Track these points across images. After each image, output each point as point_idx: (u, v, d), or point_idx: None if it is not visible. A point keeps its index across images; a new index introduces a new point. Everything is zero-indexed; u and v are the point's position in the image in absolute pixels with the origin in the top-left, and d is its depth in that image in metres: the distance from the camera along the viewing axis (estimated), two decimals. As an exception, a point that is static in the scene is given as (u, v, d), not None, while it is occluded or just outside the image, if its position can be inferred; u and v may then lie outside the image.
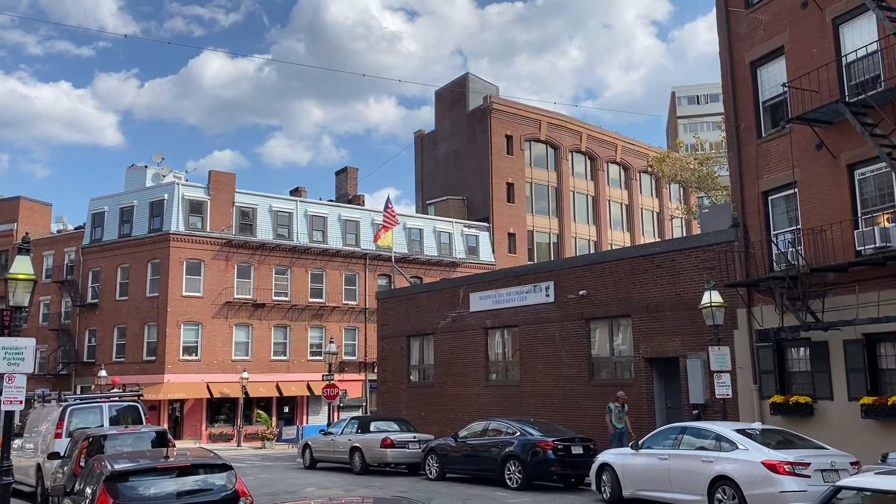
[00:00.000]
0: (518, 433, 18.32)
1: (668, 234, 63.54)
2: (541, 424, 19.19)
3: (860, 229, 16.10)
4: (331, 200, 55.23)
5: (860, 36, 16.61)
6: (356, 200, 56.06)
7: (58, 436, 16.60)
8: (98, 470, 9.21)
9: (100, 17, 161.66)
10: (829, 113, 16.48)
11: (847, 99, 16.25)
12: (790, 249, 17.53)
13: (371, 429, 23.00)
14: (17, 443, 18.33)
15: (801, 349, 17.78)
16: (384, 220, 41.57)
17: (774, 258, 18.21)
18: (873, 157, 15.86)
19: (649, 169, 58.24)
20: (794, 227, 17.82)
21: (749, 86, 19.42)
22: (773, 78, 18.85)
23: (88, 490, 9.21)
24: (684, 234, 58.15)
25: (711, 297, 17.55)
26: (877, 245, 15.49)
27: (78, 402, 18.28)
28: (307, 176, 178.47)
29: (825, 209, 16.93)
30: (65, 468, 13.55)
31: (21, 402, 11.62)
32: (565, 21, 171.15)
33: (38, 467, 16.64)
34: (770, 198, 18.67)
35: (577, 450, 17.72)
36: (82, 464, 12.08)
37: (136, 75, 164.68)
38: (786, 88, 17.99)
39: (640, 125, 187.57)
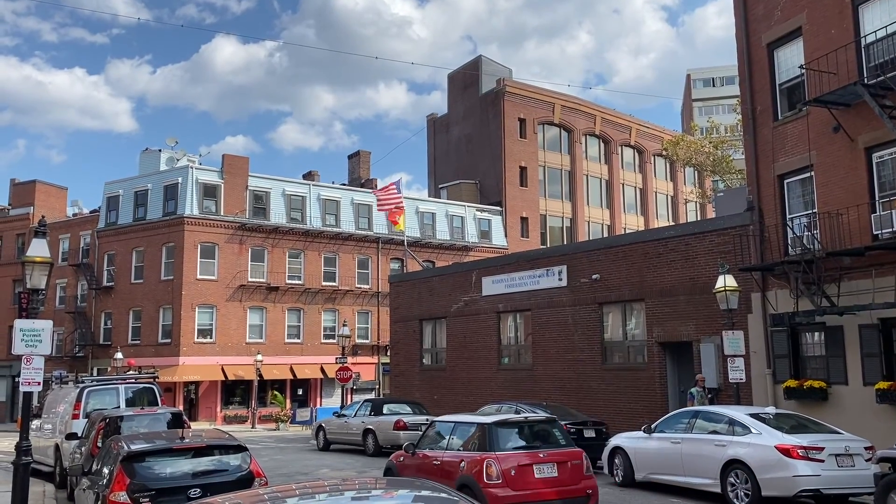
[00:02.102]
0: (530, 416, 18.34)
1: (682, 218, 63.09)
2: (553, 408, 19.18)
3: (877, 213, 15.92)
4: (343, 184, 55.21)
5: (879, 17, 16.33)
6: (369, 184, 55.96)
7: (75, 417, 16.79)
8: (115, 450, 9.32)
9: (113, 5, 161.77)
10: (847, 95, 16.25)
11: (866, 81, 16.02)
12: (806, 233, 17.37)
13: (384, 411, 23.12)
14: (35, 423, 18.57)
15: (816, 334, 17.68)
16: (392, 204, 41.58)
17: (790, 242, 18.06)
18: (892, 140, 15.66)
19: (664, 152, 57.79)
20: (810, 211, 17.65)
21: (765, 68, 19.18)
22: (790, 60, 18.60)
23: (106, 470, 9.34)
24: (699, 218, 57.66)
25: (726, 281, 17.44)
26: (894, 229, 15.32)
27: (95, 383, 18.50)
28: (319, 161, 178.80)
29: (842, 193, 16.74)
30: (82, 448, 13.71)
31: (39, 383, 11.73)
32: (575, 6, 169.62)
33: (57, 447, 16.86)
34: (786, 181, 18.49)
35: (589, 433, 17.77)
36: (99, 444, 12.20)
37: (148, 62, 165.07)
38: (803, 70, 17.75)
39: (651, 109, 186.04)
